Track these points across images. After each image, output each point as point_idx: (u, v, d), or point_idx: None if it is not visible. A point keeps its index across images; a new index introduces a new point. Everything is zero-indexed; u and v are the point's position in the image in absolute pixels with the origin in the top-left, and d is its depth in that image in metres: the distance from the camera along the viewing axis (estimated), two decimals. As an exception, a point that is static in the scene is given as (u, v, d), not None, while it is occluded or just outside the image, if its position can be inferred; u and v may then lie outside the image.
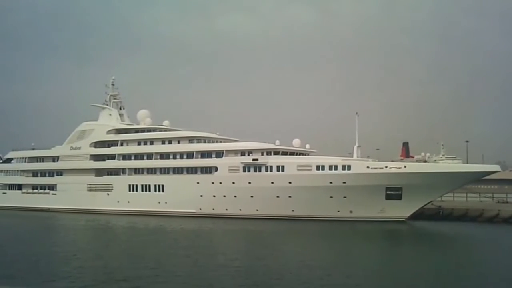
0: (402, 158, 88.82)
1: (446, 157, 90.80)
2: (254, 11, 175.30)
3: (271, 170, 57.35)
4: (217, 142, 65.61)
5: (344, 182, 53.46)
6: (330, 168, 54.47)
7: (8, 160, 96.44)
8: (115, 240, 43.03)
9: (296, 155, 60.69)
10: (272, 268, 28.65)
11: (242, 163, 58.68)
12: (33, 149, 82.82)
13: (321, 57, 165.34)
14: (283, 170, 56.71)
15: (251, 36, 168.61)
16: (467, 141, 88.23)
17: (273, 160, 57.46)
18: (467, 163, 74.11)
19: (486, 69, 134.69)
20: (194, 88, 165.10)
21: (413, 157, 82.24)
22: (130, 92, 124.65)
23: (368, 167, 53.53)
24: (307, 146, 64.12)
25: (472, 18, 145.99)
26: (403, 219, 53.26)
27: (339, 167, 54.18)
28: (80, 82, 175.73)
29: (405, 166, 52.49)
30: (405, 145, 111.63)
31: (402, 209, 52.77)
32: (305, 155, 62.18)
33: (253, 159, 58.21)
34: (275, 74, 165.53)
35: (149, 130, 69.69)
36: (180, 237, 44.62)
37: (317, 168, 55.08)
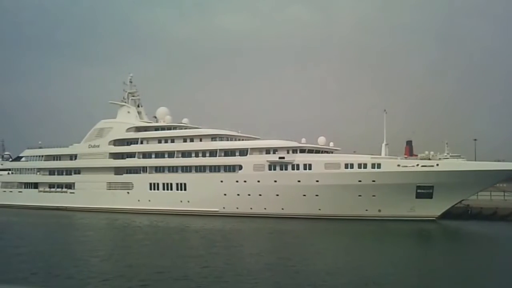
0: (406, 156, 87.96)
1: (450, 156, 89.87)
2: (256, 10, 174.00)
3: (297, 169, 56.50)
4: (239, 140, 64.76)
5: (374, 181, 52.63)
6: (359, 166, 53.61)
7: (18, 158, 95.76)
8: (149, 239, 42.06)
9: (321, 153, 59.93)
10: (328, 268, 27.84)
11: (268, 161, 57.82)
12: (40, 147, 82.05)
13: (321, 56, 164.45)
14: (310, 169, 55.85)
15: (255, 35, 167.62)
16: (475, 139, 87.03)
17: (300, 158, 56.62)
18: (475, 161, 72.95)
19: (487, 68, 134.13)
20: (203, 87, 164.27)
21: (416, 155, 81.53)
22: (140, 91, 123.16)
23: (398, 165, 52.73)
24: (331, 144, 63.38)
25: (472, 17, 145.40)
26: (433, 218, 52.44)
27: (369, 165, 53.34)
28: (84, 81, 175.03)
29: (437, 164, 51.65)
30: (409, 143, 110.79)
31: (433, 208, 51.94)
32: (329, 153, 61.43)
33: (280, 157, 57.31)
34: (275, 74, 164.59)
35: (169, 128, 68.78)
36: (213, 236, 43.69)
37: (346, 166, 54.23)
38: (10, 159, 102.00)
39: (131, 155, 69.03)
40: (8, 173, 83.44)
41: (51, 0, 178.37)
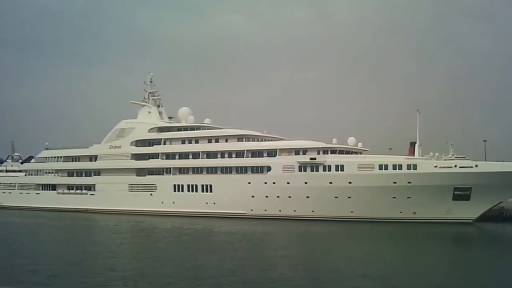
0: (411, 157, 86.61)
1: (455, 157, 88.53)
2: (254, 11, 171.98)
3: (329, 170, 55.21)
4: (266, 140, 63.52)
5: (410, 182, 51.39)
6: (394, 167, 52.40)
7: (29, 159, 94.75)
8: (187, 241, 40.76)
9: (351, 154, 58.69)
10: (397, 274, 26.55)
11: (298, 162, 56.55)
12: (46, 148, 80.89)
13: (321, 56, 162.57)
14: (342, 170, 54.58)
15: (254, 36, 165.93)
16: (485, 141, 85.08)
17: (332, 159, 55.36)
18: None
19: (487, 68, 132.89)
20: (208, 87, 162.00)
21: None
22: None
23: (436, 166, 51.49)
24: (360, 144, 62.10)
25: (473, 16, 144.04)
26: (470, 221, 51.21)
27: (404, 166, 52.13)
28: (88, 83, 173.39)
29: (476, 165, 50.42)
30: (413, 144, 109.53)
31: (470, 210, 50.72)
32: (358, 153, 60.17)
33: (311, 158, 56.07)
34: (274, 75, 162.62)
35: (192, 128, 67.52)
36: (252, 238, 42.52)
37: (380, 167, 52.97)
38: (20, 160, 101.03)
39: (154, 156, 67.74)
40: (25, 174, 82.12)
41: (54, 1, 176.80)
